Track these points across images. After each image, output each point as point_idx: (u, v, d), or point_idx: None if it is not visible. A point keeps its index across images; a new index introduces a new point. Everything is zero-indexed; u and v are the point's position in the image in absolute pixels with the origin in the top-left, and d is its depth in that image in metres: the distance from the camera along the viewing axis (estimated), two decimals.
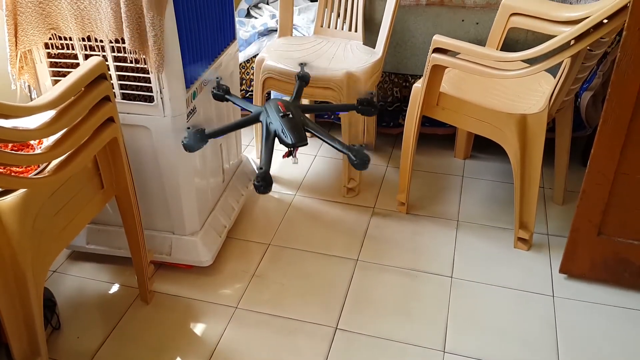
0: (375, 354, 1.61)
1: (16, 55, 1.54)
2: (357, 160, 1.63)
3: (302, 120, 1.72)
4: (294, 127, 1.65)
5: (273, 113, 1.70)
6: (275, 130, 1.66)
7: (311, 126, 1.73)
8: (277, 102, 1.76)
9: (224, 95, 1.84)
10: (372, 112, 1.91)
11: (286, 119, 1.67)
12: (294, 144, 1.61)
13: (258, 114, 1.77)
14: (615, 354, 1.61)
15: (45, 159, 1.26)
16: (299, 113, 1.74)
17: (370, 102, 1.89)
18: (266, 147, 1.67)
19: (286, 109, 1.72)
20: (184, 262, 1.85)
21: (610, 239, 1.75)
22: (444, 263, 1.93)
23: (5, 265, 1.20)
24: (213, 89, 1.83)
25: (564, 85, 1.73)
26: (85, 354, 1.61)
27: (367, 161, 1.64)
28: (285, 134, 1.63)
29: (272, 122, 1.68)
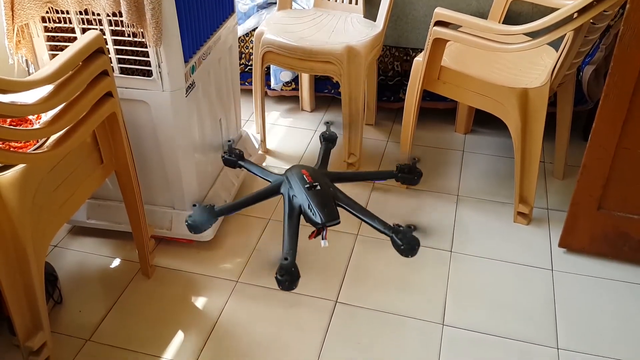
0: (375, 327, 1.63)
1: (13, 30, 1.53)
2: (403, 246, 1.38)
3: (332, 193, 1.46)
4: (323, 202, 1.40)
5: (297, 184, 1.46)
6: (301, 205, 1.42)
7: (343, 200, 1.46)
8: (302, 170, 1.50)
9: (237, 162, 1.60)
10: (415, 181, 1.63)
11: (313, 192, 1.42)
12: (324, 223, 1.37)
13: (278, 185, 1.52)
14: (614, 327, 1.63)
15: (44, 134, 1.25)
16: (327, 183, 1.47)
17: (412, 170, 1.61)
18: (289, 227, 1.41)
19: (313, 178, 1.46)
20: (185, 236, 1.85)
21: (610, 213, 1.75)
22: (444, 237, 1.94)
23: (6, 241, 1.21)
24: (224, 153, 1.59)
25: (566, 59, 1.71)
26: (87, 328, 1.62)
27: (416, 247, 1.38)
28: (313, 211, 1.39)
29: (297, 195, 1.44)
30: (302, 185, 1.43)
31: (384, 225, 1.42)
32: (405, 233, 1.39)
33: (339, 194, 1.47)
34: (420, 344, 1.58)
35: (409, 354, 1.55)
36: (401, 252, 1.38)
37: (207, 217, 1.46)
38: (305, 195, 1.41)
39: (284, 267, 1.34)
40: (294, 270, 1.34)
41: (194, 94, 1.71)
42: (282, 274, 1.34)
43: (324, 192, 1.42)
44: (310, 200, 1.40)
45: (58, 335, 1.59)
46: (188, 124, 1.70)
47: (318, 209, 1.38)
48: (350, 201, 1.46)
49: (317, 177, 1.47)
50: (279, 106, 2.73)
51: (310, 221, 1.40)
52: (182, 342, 1.59)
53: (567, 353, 1.55)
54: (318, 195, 1.41)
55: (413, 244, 1.39)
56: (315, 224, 1.37)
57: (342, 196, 1.47)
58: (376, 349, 1.57)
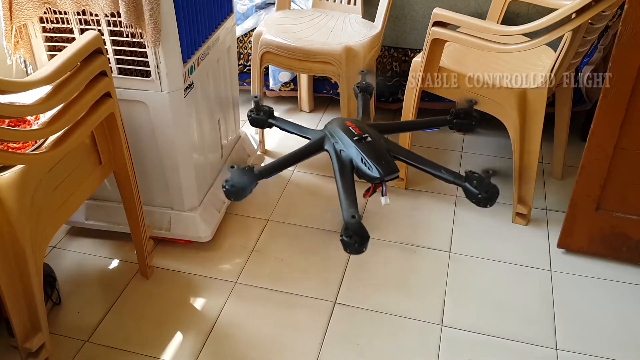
0: (373, 328, 1.63)
1: (11, 30, 1.53)
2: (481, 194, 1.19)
3: (386, 144, 1.30)
4: (378, 154, 1.24)
5: (343, 137, 1.30)
6: (353, 159, 1.26)
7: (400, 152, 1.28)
8: (345, 122, 1.34)
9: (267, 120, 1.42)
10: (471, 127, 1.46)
11: (364, 144, 1.26)
12: (383, 177, 1.22)
13: (321, 141, 1.36)
14: (613, 327, 1.63)
15: (42, 135, 1.25)
16: (377, 135, 1.31)
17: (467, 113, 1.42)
18: (344, 184, 1.24)
19: (360, 130, 1.30)
20: (183, 237, 1.85)
21: (609, 214, 1.75)
22: (443, 238, 1.94)
23: (5, 242, 1.20)
24: (250, 112, 1.43)
25: (564, 59, 1.72)
26: (86, 329, 1.62)
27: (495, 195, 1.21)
28: (368, 165, 1.24)
29: (345, 149, 1.28)
30: (351, 138, 1.27)
31: (454, 175, 1.25)
32: (482, 180, 1.20)
33: (393, 145, 1.30)
34: (419, 344, 1.58)
35: (407, 355, 1.55)
36: (478, 202, 1.20)
37: (248, 180, 1.27)
38: (356, 148, 1.24)
39: (350, 227, 1.15)
40: (362, 228, 1.17)
41: (193, 95, 1.71)
42: (350, 235, 1.15)
43: (375, 143, 1.26)
44: (363, 154, 1.23)
45: (57, 337, 1.59)
46: (187, 124, 1.70)
47: (374, 162, 1.22)
48: (409, 152, 1.29)
49: (364, 128, 1.30)
50: (277, 107, 2.73)
51: (365, 177, 1.23)
52: (180, 343, 1.59)
53: (566, 354, 1.56)
54: (370, 147, 1.24)
55: (492, 192, 1.20)
56: (373, 179, 1.21)
57: (398, 148, 1.30)
58: (375, 350, 1.56)
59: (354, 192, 1.23)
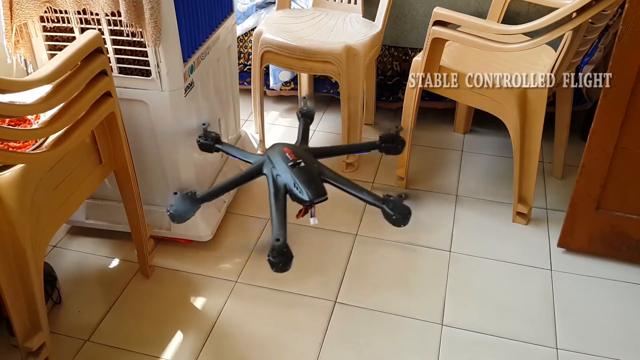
0: (374, 327, 1.63)
1: (11, 29, 1.52)
2: (395, 216, 1.33)
3: (317, 168, 1.40)
4: (309, 179, 1.34)
5: (279, 162, 1.39)
6: (286, 184, 1.36)
7: (329, 175, 1.40)
8: (283, 147, 1.44)
9: (214, 145, 1.52)
10: (398, 150, 1.56)
11: (298, 169, 1.36)
12: (312, 200, 1.32)
13: (260, 166, 1.45)
14: (613, 327, 1.63)
15: (42, 134, 1.25)
16: (311, 159, 1.41)
17: (394, 139, 1.54)
18: (277, 208, 1.35)
19: (295, 155, 1.40)
20: (184, 237, 1.85)
21: (609, 213, 1.75)
22: (443, 237, 1.94)
23: (5, 241, 1.20)
24: (199, 137, 1.52)
25: (565, 58, 1.71)
26: (86, 328, 1.62)
27: (408, 215, 1.33)
28: (300, 189, 1.34)
29: (280, 174, 1.38)
30: (286, 163, 1.37)
31: (374, 197, 1.36)
32: (396, 202, 1.34)
33: (324, 169, 1.41)
34: (419, 344, 1.58)
35: (407, 354, 1.55)
36: (393, 223, 1.33)
37: (190, 205, 1.37)
38: (290, 173, 1.35)
39: (276, 248, 1.27)
40: (286, 250, 1.28)
41: (193, 94, 1.71)
42: (275, 256, 1.27)
43: (308, 168, 1.36)
44: (295, 178, 1.34)
45: (57, 336, 1.59)
46: (187, 123, 1.70)
47: (304, 186, 1.32)
48: (337, 175, 1.40)
49: (300, 153, 1.41)
50: (278, 106, 2.73)
51: (297, 199, 1.34)
52: (181, 342, 1.59)
53: (566, 353, 1.56)
54: (303, 172, 1.35)
55: (405, 212, 1.33)
56: (303, 202, 1.32)
57: (328, 171, 1.41)
58: (375, 349, 1.56)
59: (284, 216, 1.35)
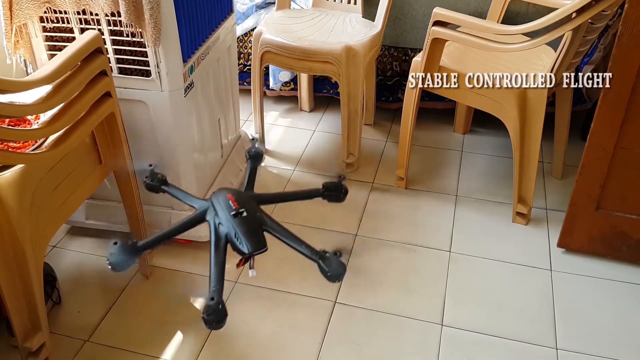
0: (373, 328, 1.63)
1: (11, 29, 1.52)
2: (330, 272, 1.32)
3: (259, 218, 1.40)
4: (250, 230, 1.33)
5: (222, 211, 1.38)
6: (227, 234, 1.35)
7: (271, 225, 1.39)
8: (227, 194, 1.42)
9: (160, 187, 1.52)
10: (340, 198, 1.57)
11: (239, 219, 1.34)
12: (251, 252, 1.30)
13: (204, 213, 1.44)
14: (613, 327, 1.63)
15: (42, 134, 1.25)
16: (254, 208, 1.41)
17: (337, 187, 1.56)
18: (216, 262, 1.34)
19: (239, 204, 1.38)
20: (183, 237, 1.84)
21: (609, 213, 1.75)
22: (443, 237, 1.94)
23: (5, 241, 1.20)
24: (146, 178, 1.52)
25: (565, 58, 1.72)
26: (86, 328, 1.62)
27: (341, 273, 1.33)
28: (240, 240, 1.32)
29: (222, 223, 1.36)
30: (228, 212, 1.36)
31: (311, 251, 1.37)
32: (331, 260, 1.34)
33: (266, 219, 1.41)
34: (419, 344, 1.58)
35: (407, 355, 1.55)
36: (328, 279, 1.34)
37: (129, 255, 1.34)
38: (232, 223, 1.34)
39: (210, 307, 1.26)
40: (221, 308, 1.26)
41: (193, 94, 1.71)
42: (209, 314, 1.25)
43: (250, 218, 1.35)
44: (236, 229, 1.33)
45: (57, 336, 1.59)
46: (187, 124, 1.70)
47: (245, 238, 1.31)
48: (278, 226, 1.40)
49: (244, 201, 1.40)
50: (277, 106, 2.73)
51: (237, 250, 1.34)
52: (181, 342, 1.59)
53: (566, 353, 1.56)
54: (244, 222, 1.34)
55: (339, 270, 1.33)
56: (242, 254, 1.32)
57: (270, 221, 1.41)
58: (375, 349, 1.56)
59: (222, 270, 1.33)
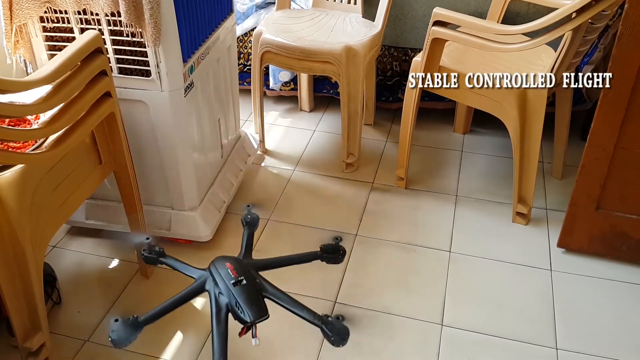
0: (373, 328, 1.63)
1: (11, 29, 1.52)
2: (333, 337, 1.33)
3: (259, 285, 1.41)
4: (251, 298, 1.33)
5: (221, 280, 1.38)
6: (228, 303, 1.36)
7: (271, 292, 1.41)
8: (226, 263, 1.43)
9: (158, 259, 1.54)
10: (338, 260, 1.60)
11: (239, 288, 1.35)
12: (252, 321, 1.31)
13: (203, 283, 1.44)
14: (613, 327, 1.63)
15: (42, 134, 1.25)
16: (253, 275, 1.42)
17: (335, 249, 1.58)
18: (218, 332, 1.34)
19: (237, 272, 1.39)
20: (184, 237, 1.85)
21: (609, 213, 1.75)
22: (443, 237, 1.94)
23: (5, 241, 1.20)
24: (143, 251, 1.54)
25: (565, 58, 1.72)
26: (86, 328, 1.62)
27: (345, 336, 1.33)
28: (241, 309, 1.32)
29: (223, 292, 1.37)
30: (228, 282, 1.37)
31: (313, 316, 1.38)
32: (334, 324, 1.34)
33: (266, 286, 1.43)
34: (419, 344, 1.58)
35: (407, 355, 1.55)
36: (332, 343, 1.34)
37: (131, 330, 1.35)
38: (232, 293, 1.35)
39: None
40: None
41: (193, 94, 1.71)
42: None
43: (250, 286, 1.37)
44: (237, 298, 1.34)
45: (57, 336, 1.59)
46: (187, 124, 1.70)
47: (246, 306, 1.32)
48: (279, 292, 1.43)
49: (242, 268, 1.42)
50: (277, 106, 2.73)
51: (238, 319, 1.34)
52: (181, 342, 1.59)
53: (566, 353, 1.56)
54: (244, 290, 1.35)
55: (343, 334, 1.33)
56: (244, 322, 1.33)
57: (270, 287, 1.43)
58: (375, 350, 1.56)
59: (225, 340, 1.34)
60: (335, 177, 2.24)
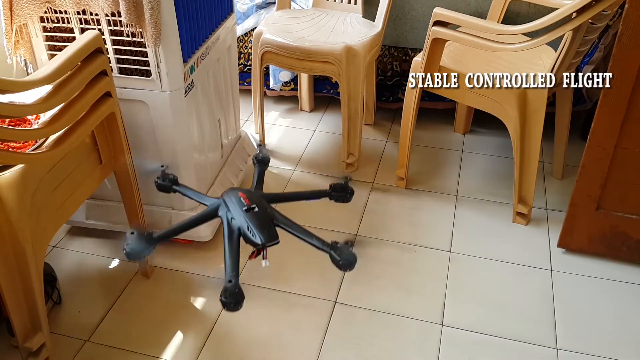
0: (374, 327, 1.63)
1: (12, 29, 1.52)
2: (341, 261, 1.40)
3: (270, 214, 1.48)
4: (262, 223, 1.42)
5: (234, 207, 1.47)
6: (240, 227, 1.43)
7: (282, 220, 1.49)
8: (238, 193, 1.51)
9: (171, 187, 1.60)
10: (347, 199, 1.66)
11: (252, 214, 1.43)
12: (264, 243, 1.39)
13: (216, 208, 1.52)
14: (613, 327, 1.63)
15: (42, 134, 1.25)
16: (264, 205, 1.49)
17: (344, 188, 1.65)
18: (231, 250, 1.42)
19: (250, 200, 1.47)
20: (184, 237, 1.85)
21: (609, 213, 1.75)
22: (443, 237, 1.94)
23: (5, 241, 1.20)
24: (157, 178, 1.61)
25: (565, 58, 1.72)
26: (86, 328, 1.62)
27: (353, 262, 1.40)
28: (253, 232, 1.40)
29: (235, 217, 1.45)
30: (240, 208, 1.44)
31: (322, 243, 1.45)
32: (343, 249, 1.41)
33: (277, 215, 1.49)
34: (419, 344, 1.58)
35: (407, 354, 1.55)
36: (339, 267, 1.41)
37: (145, 245, 1.40)
38: (244, 218, 1.42)
39: (228, 289, 1.33)
40: (238, 291, 1.34)
41: (193, 94, 1.71)
42: (227, 296, 1.33)
43: (262, 213, 1.44)
44: (249, 222, 1.41)
45: (57, 336, 1.59)
46: (187, 124, 1.70)
47: (257, 231, 1.40)
48: (289, 221, 1.49)
49: (254, 199, 1.49)
50: (278, 106, 2.73)
51: (250, 242, 1.41)
52: (181, 342, 1.59)
53: (566, 353, 1.56)
54: (256, 216, 1.43)
55: (350, 259, 1.40)
56: (255, 245, 1.39)
57: (280, 217, 1.49)
58: (375, 350, 1.56)
59: (237, 258, 1.41)
60: (335, 177, 2.24)
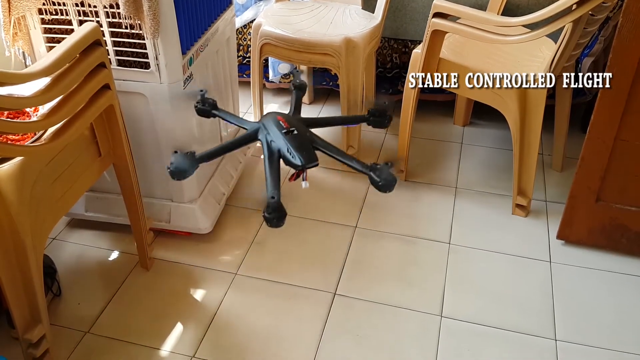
0: (373, 319, 1.63)
1: (10, 22, 1.52)
2: (381, 182, 1.42)
3: (309, 137, 1.51)
4: (302, 145, 1.44)
5: (274, 129, 1.49)
6: (280, 149, 1.46)
7: (320, 143, 1.51)
8: (277, 116, 1.54)
9: (211, 111, 1.63)
10: (385, 124, 1.66)
11: (291, 136, 1.46)
12: (304, 165, 1.41)
13: (255, 131, 1.56)
14: (612, 318, 1.63)
15: (41, 127, 1.25)
16: (304, 128, 1.52)
17: (382, 113, 1.65)
18: (271, 170, 1.45)
19: (289, 124, 1.50)
20: (183, 229, 1.85)
21: (609, 206, 1.75)
22: (442, 229, 1.94)
23: (4, 233, 1.21)
24: (197, 103, 1.63)
25: (565, 50, 1.71)
26: (86, 320, 1.63)
27: (393, 182, 1.42)
28: (293, 154, 1.42)
29: (275, 140, 1.48)
30: (280, 131, 1.47)
31: (362, 165, 1.47)
32: (382, 170, 1.43)
33: (316, 138, 1.51)
34: (418, 335, 1.58)
35: (407, 346, 1.56)
36: (379, 188, 1.42)
37: (189, 163, 1.47)
38: (284, 140, 1.45)
39: (271, 205, 1.36)
40: (281, 207, 1.37)
41: (192, 86, 1.71)
42: (270, 212, 1.36)
43: (301, 136, 1.47)
44: (288, 144, 1.44)
45: (57, 328, 1.60)
46: (186, 116, 1.70)
47: (297, 152, 1.42)
48: (328, 144, 1.50)
49: (293, 122, 1.51)
50: (277, 98, 2.72)
51: (289, 164, 1.44)
52: (181, 334, 1.59)
53: (565, 344, 1.56)
54: (296, 139, 1.45)
55: (390, 179, 1.42)
56: (296, 167, 1.42)
57: (319, 140, 1.51)
58: (375, 341, 1.57)
59: (278, 177, 1.45)
60: (335, 169, 2.24)
